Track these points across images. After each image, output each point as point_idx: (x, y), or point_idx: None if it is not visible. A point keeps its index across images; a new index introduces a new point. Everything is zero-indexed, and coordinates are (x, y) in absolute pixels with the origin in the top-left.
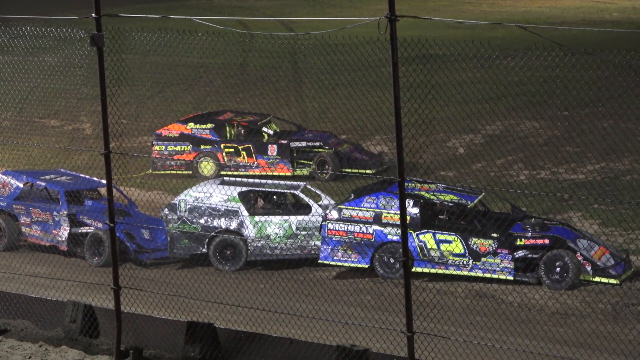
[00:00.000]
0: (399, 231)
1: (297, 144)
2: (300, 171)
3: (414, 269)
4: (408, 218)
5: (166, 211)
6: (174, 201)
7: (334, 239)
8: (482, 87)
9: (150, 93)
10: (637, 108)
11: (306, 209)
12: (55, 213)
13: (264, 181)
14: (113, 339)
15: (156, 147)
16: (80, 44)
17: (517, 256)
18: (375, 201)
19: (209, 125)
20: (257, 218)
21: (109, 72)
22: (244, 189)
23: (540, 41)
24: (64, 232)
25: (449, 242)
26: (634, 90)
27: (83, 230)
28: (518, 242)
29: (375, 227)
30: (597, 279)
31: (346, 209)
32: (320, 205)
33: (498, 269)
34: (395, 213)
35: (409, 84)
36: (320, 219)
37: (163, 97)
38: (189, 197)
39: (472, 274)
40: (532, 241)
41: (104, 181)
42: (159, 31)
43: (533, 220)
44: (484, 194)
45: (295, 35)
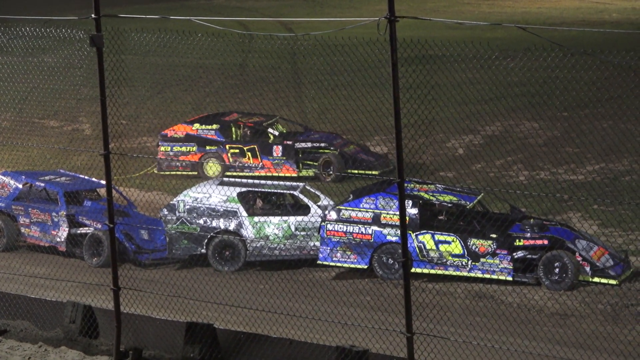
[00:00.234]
0: (398, 232)
1: (302, 145)
2: (305, 172)
3: (412, 270)
4: (407, 219)
5: (165, 212)
6: (172, 202)
7: (333, 239)
8: (481, 88)
9: (150, 94)
10: (637, 109)
11: (305, 210)
12: (54, 214)
13: (262, 182)
14: (112, 339)
15: (162, 148)
16: (79, 44)
17: (516, 257)
18: (374, 202)
19: (214, 126)
20: (256, 219)
21: (109, 73)
22: (243, 189)
23: (540, 42)
24: (62, 232)
25: (448, 242)
26: (633, 90)
27: (82, 230)
28: (517, 243)
29: (374, 227)
30: (596, 280)
31: (345, 209)
32: (319, 206)
33: (497, 269)
34: (394, 214)
35: (408, 85)
36: (319, 219)
37: (162, 98)
38: (187, 197)
39: (471, 274)
40: (531, 242)
41: (103, 182)
42: (158, 32)
43: (532, 220)
44: (482, 194)
45: (294, 36)
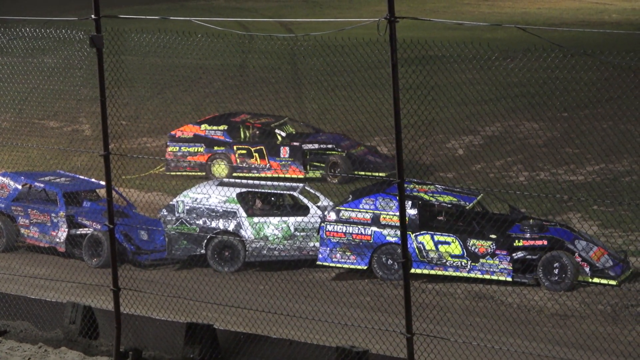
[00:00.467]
0: (398, 232)
1: (310, 146)
2: (313, 173)
3: (412, 270)
4: (407, 219)
5: (164, 212)
6: (172, 202)
7: (332, 240)
8: (481, 89)
9: (150, 94)
10: (637, 109)
11: (304, 210)
12: (53, 214)
13: (262, 182)
14: (112, 340)
15: (170, 148)
16: (79, 45)
17: (515, 257)
18: (373, 202)
19: (222, 127)
20: (255, 219)
21: (108, 74)
22: (242, 190)
23: (540, 42)
24: (62, 233)
25: (448, 243)
26: (633, 91)
27: (81, 231)
28: (516, 243)
29: (374, 228)
30: (596, 280)
31: (344, 210)
32: (318, 207)
33: (496, 270)
34: (393, 214)
35: (408, 85)
36: (318, 220)
37: (162, 98)
38: (187, 198)
39: (471, 275)
40: (530, 242)
41: (102, 182)
42: (158, 32)
43: (531, 221)
44: (482, 195)
45: (294, 37)
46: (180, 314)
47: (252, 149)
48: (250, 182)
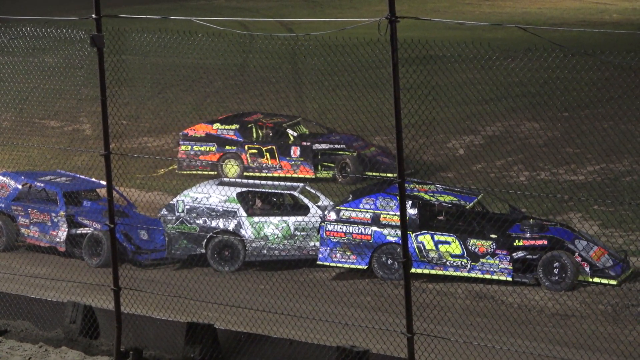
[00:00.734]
0: (398, 232)
1: (320, 147)
2: (324, 174)
3: (412, 270)
4: (407, 219)
5: (164, 212)
6: (172, 202)
7: (332, 240)
8: (482, 88)
9: (150, 94)
10: (637, 109)
11: (304, 210)
12: (53, 214)
13: (262, 182)
14: (113, 339)
15: (182, 147)
16: (80, 44)
17: (515, 257)
18: (373, 202)
19: (233, 126)
20: (255, 219)
21: (109, 73)
22: (242, 189)
23: (540, 42)
24: (62, 233)
25: (448, 243)
26: (633, 91)
27: (81, 231)
28: (516, 243)
29: (374, 228)
30: (596, 280)
31: (345, 210)
32: (318, 206)
33: (496, 269)
34: (394, 214)
35: (409, 85)
36: (318, 219)
37: (163, 98)
38: (187, 197)
39: (471, 275)
40: (530, 242)
41: (102, 182)
42: (159, 32)
43: (531, 221)
44: (482, 195)
45: (295, 36)
46: (181, 313)
47: (263, 149)
48: (250, 181)
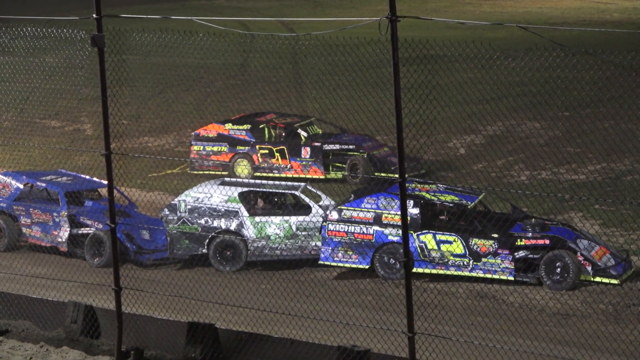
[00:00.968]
0: (399, 232)
1: (330, 147)
2: (334, 174)
3: (414, 270)
4: (408, 219)
5: (166, 212)
6: (174, 202)
7: (334, 239)
8: (482, 88)
9: (151, 94)
10: (638, 108)
11: (306, 210)
12: (55, 214)
13: (264, 182)
14: (114, 339)
15: (194, 147)
16: (81, 44)
17: (517, 256)
18: (375, 202)
19: (245, 126)
20: (257, 218)
21: (110, 73)
22: (244, 189)
23: (541, 42)
24: (64, 233)
25: (450, 242)
26: (634, 90)
27: (83, 231)
28: (518, 243)
29: (376, 227)
30: (598, 279)
31: (346, 209)
32: (320, 206)
33: (498, 269)
34: (395, 214)
35: (409, 85)
36: (320, 219)
37: (164, 98)
38: (189, 197)
39: (473, 274)
40: (532, 241)
41: (104, 181)
42: (159, 32)
43: (533, 220)
44: (484, 194)
45: (296, 36)
46: (182, 313)
47: (274, 149)
48: (251, 181)
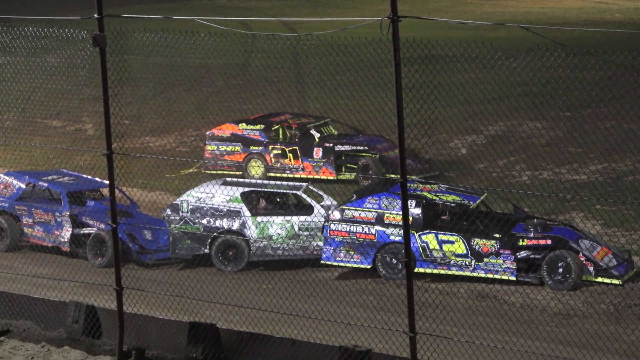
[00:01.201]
0: (401, 232)
1: (342, 148)
2: (346, 175)
3: (416, 270)
4: (410, 219)
5: (168, 212)
6: (176, 202)
7: (336, 239)
8: (484, 88)
9: (153, 93)
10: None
11: (308, 210)
12: (57, 214)
13: (265, 182)
14: (115, 339)
15: (208, 147)
16: (82, 44)
17: (519, 257)
18: (377, 202)
19: (258, 126)
20: (259, 218)
21: (111, 73)
22: (246, 189)
23: (543, 42)
24: (66, 232)
25: (452, 242)
26: (636, 90)
27: (85, 231)
28: (520, 243)
29: (378, 227)
30: (600, 280)
31: (348, 209)
32: (322, 206)
33: (500, 269)
34: (397, 214)
35: (411, 85)
36: (322, 219)
37: (165, 98)
38: (191, 197)
39: (475, 274)
40: (534, 242)
41: (105, 181)
42: (161, 32)
43: (535, 220)
44: (486, 194)
45: (297, 36)
46: (183, 313)
47: (287, 149)
48: (253, 181)
